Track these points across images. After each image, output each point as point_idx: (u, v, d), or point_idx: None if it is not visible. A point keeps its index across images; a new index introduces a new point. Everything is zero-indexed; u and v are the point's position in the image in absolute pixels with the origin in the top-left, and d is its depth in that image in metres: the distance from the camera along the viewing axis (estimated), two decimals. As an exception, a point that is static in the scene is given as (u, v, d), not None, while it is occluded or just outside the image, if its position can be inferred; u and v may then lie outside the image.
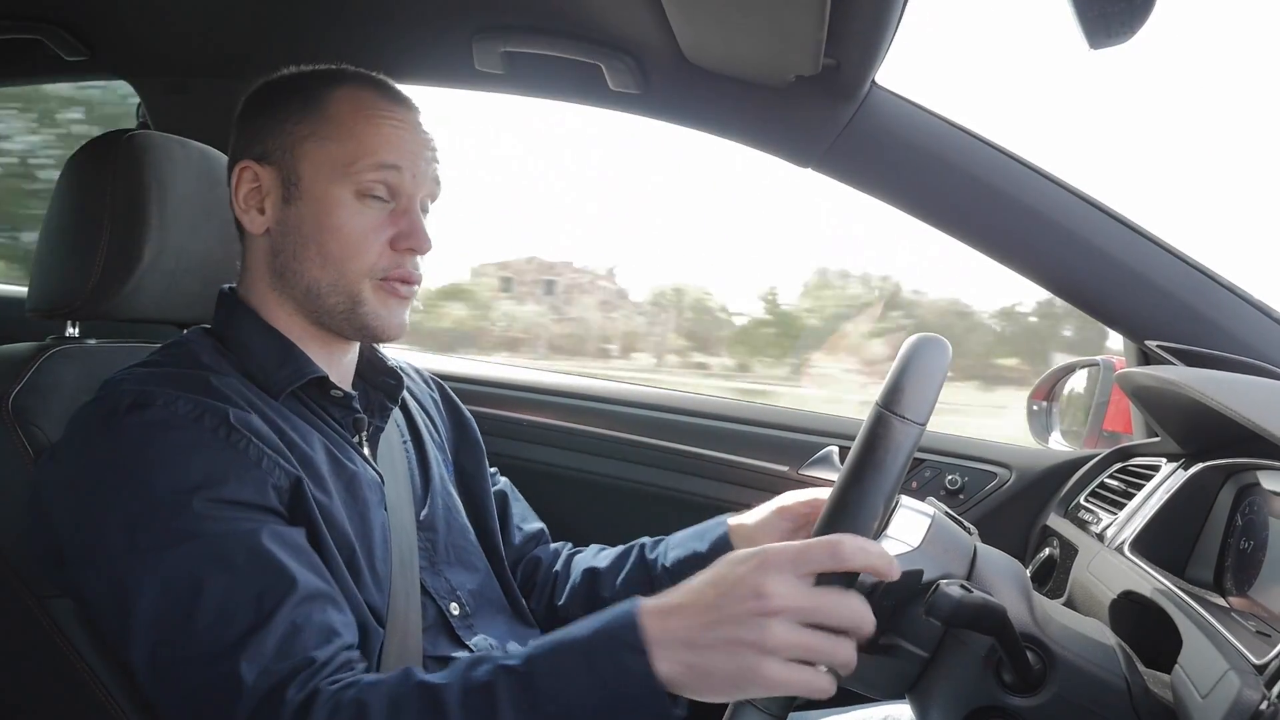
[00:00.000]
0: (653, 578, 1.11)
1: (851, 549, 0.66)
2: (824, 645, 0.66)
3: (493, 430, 1.33)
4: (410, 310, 1.00)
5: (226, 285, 1.02)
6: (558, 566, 1.21)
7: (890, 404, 0.70)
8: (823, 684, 0.66)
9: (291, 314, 0.98)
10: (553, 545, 1.26)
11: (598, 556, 1.19)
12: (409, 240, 0.95)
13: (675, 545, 1.12)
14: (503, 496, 1.24)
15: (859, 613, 0.67)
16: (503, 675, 0.71)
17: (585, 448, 1.68)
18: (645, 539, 1.17)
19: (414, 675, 0.75)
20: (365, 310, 0.95)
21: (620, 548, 1.19)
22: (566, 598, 1.16)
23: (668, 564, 1.11)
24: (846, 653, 0.67)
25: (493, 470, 1.26)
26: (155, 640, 0.77)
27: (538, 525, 1.27)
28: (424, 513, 1.05)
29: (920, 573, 0.74)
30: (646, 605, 0.70)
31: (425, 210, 1.00)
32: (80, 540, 0.81)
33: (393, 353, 1.16)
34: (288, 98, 0.97)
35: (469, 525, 1.11)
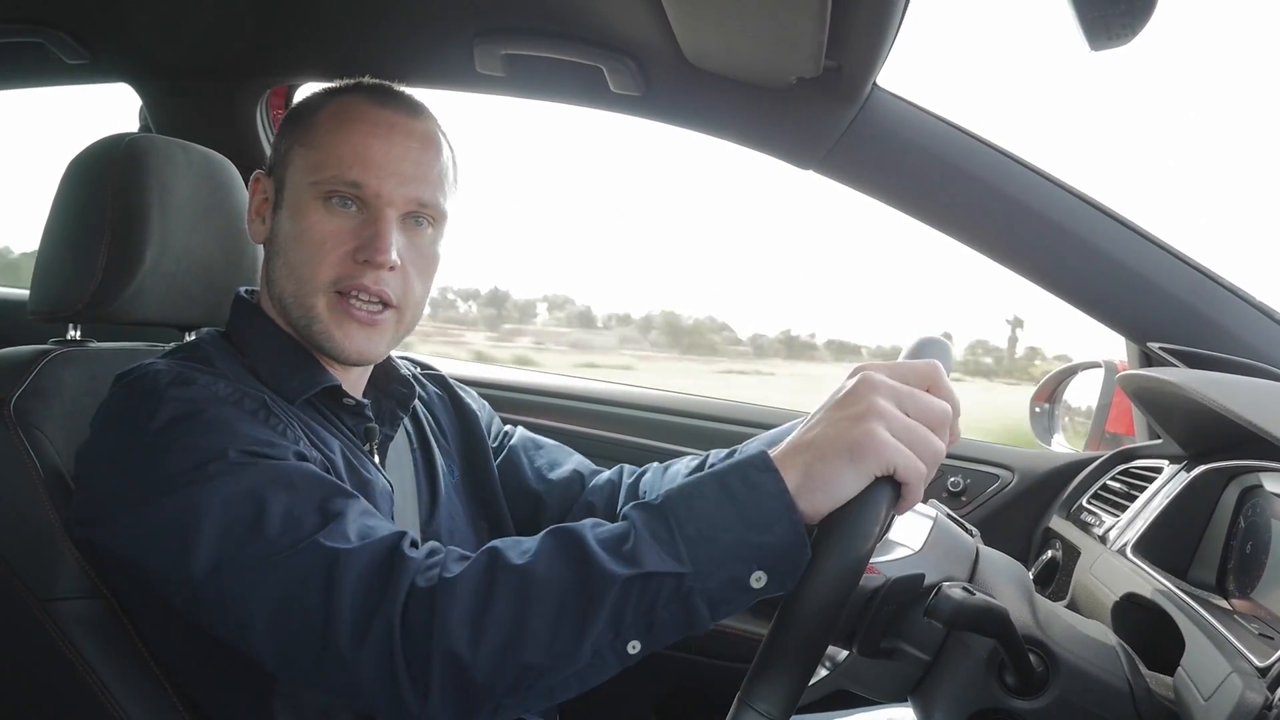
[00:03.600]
0: None
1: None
2: (920, 432, 0.68)
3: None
4: (390, 334, 0.95)
5: (244, 289, 1.01)
6: (623, 494, 1.16)
7: None
8: (922, 471, 0.67)
9: (290, 324, 0.97)
10: (605, 475, 1.20)
11: (666, 476, 1.14)
12: (365, 251, 0.90)
13: (757, 441, 1.08)
14: (513, 458, 1.20)
15: (945, 409, 0.70)
16: (636, 511, 0.71)
17: (586, 449, 1.68)
18: (719, 450, 1.13)
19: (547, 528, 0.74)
20: (318, 329, 0.92)
21: (694, 458, 1.14)
22: None
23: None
24: (938, 444, 0.68)
25: (506, 429, 1.23)
26: (220, 557, 0.74)
27: (568, 469, 1.20)
28: (429, 522, 1.04)
29: (922, 575, 0.74)
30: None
31: (421, 226, 0.95)
32: (134, 484, 0.79)
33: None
34: (296, 110, 0.98)
35: (472, 533, 1.11)
